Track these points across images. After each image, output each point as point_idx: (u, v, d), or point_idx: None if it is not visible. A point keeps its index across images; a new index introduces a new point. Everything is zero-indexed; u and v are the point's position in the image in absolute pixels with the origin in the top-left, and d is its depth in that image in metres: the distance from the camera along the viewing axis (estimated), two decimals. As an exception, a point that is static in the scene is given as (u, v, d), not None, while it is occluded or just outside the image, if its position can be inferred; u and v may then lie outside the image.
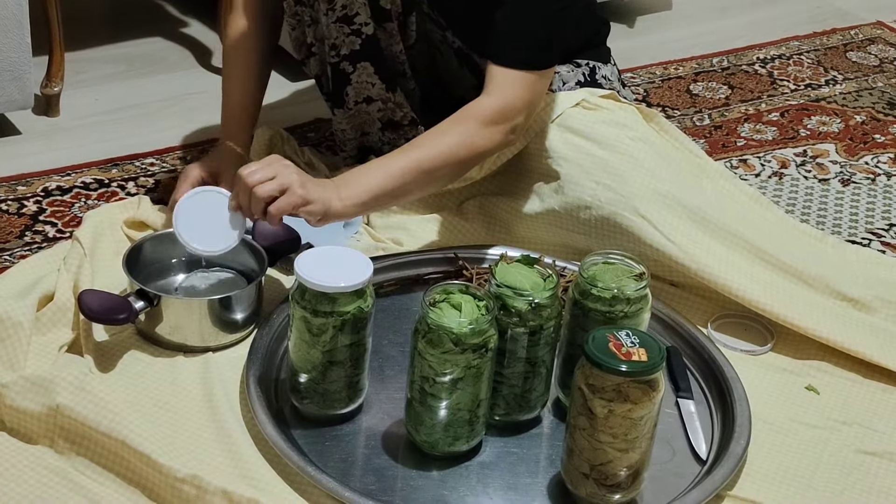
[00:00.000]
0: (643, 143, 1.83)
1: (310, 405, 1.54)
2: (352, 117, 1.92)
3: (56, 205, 2.00)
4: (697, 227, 1.79)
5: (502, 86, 1.72)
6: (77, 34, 2.47)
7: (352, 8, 1.81)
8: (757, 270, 1.78)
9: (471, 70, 1.94)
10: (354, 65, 1.86)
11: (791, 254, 1.81)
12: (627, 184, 1.78)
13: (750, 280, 1.75)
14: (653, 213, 1.77)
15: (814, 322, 1.72)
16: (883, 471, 1.55)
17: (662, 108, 2.44)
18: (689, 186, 1.84)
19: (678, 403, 1.62)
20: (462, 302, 1.43)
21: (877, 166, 2.29)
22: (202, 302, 1.63)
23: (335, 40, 1.84)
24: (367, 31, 1.83)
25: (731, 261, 1.77)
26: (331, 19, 1.82)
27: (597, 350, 1.37)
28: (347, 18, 1.81)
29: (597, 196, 1.78)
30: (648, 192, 1.78)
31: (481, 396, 1.46)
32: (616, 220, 1.77)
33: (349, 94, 1.89)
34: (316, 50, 1.89)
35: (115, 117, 2.31)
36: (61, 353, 1.60)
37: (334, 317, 1.46)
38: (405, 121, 1.92)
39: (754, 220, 1.87)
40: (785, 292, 1.76)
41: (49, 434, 1.49)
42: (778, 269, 1.79)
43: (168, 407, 1.53)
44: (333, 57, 1.86)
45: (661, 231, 1.76)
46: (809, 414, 1.64)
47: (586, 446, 1.40)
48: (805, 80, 2.60)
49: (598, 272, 1.54)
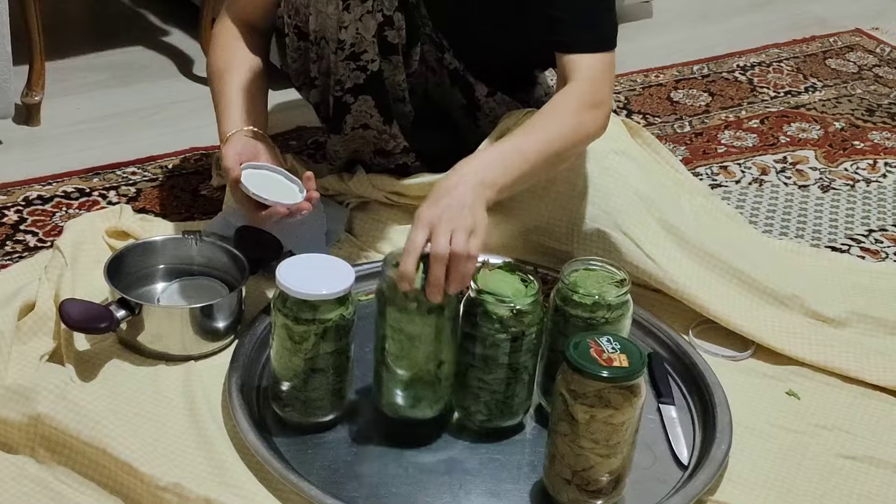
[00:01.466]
0: (627, 157, 1.84)
1: (292, 413, 1.54)
2: (347, 142, 1.92)
3: (37, 214, 2.00)
4: (677, 246, 1.81)
5: (587, 71, 1.71)
6: (58, 43, 2.47)
7: (360, 46, 1.80)
8: (733, 292, 1.80)
9: (461, 89, 1.94)
10: (356, 97, 1.86)
11: (767, 274, 1.82)
12: (611, 200, 1.79)
13: (726, 302, 1.77)
14: (635, 231, 1.78)
15: (789, 343, 1.75)
16: (863, 475, 1.56)
17: (643, 116, 2.45)
18: (670, 204, 1.86)
19: (660, 409, 1.63)
20: (422, 264, 1.45)
21: (856, 172, 2.30)
22: (184, 310, 1.63)
23: (341, 76, 1.84)
24: (373, 67, 1.82)
25: (708, 282, 1.79)
26: (339, 58, 1.81)
27: (578, 356, 1.37)
28: (355, 55, 1.81)
29: (579, 211, 1.79)
30: (631, 208, 1.79)
31: (441, 357, 1.48)
32: (596, 234, 1.77)
33: (347, 122, 1.89)
34: (319, 83, 1.88)
35: (97, 126, 2.30)
36: (42, 362, 1.60)
37: (316, 324, 1.46)
38: (397, 150, 1.93)
39: (731, 239, 1.89)
40: (760, 312, 1.78)
41: (30, 443, 1.49)
42: (754, 290, 1.80)
43: (150, 415, 1.53)
44: (337, 91, 1.86)
45: (642, 249, 1.77)
46: (790, 419, 1.65)
47: (568, 452, 1.40)
48: (785, 87, 2.62)
49: (580, 278, 1.54)
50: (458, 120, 1.99)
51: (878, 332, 1.80)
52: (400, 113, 1.91)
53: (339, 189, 1.96)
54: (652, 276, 1.77)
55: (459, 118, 1.98)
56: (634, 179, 1.82)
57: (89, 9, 2.82)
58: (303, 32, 1.83)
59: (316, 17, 1.79)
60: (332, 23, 1.78)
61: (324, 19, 1.78)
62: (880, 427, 1.65)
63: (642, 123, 2.42)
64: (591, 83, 1.71)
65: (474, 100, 1.94)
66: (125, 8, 2.78)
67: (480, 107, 1.95)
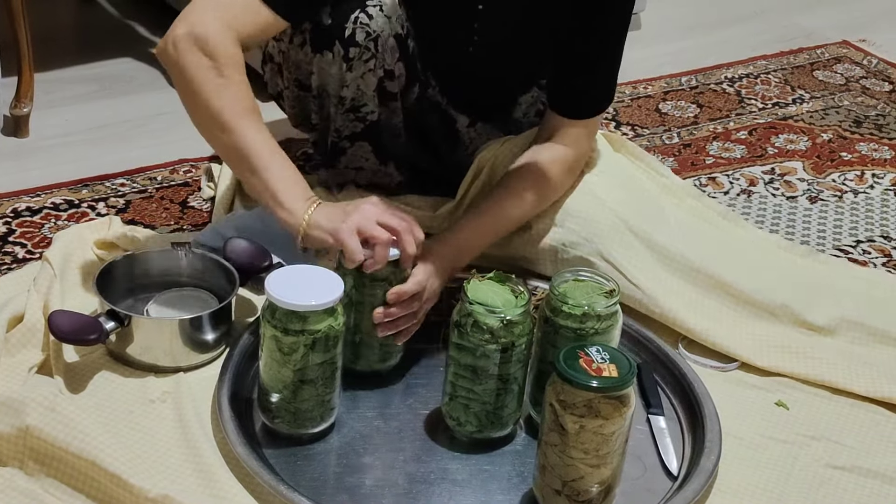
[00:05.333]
0: (606, 176, 1.85)
1: (281, 424, 1.53)
2: (338, 175, 1.93)
3: (26, 225, 1.99)
4: (661, 265, 1.81)
5: (579, 138, 1.79)
6: (47, 55, 2.47)
7: (360, 100, 1.81)
8: (721, 306, 1.80)
9: (443, 121, 1.95)
10: (353, 143, 1.87)
11: (757, 283, 1.82)
12: (591, 225, 1.79)
13: (713, 320, 1.78)
14: (617, 256, 1.79)
15: (776, 360, 1.75)
16: (852, 485, 1.57)
17: (632, 127, 2.46)
18: (654, 219, 1.86)
19: (649, 420, 1.63)
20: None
21: (844, 183, 2.31)
22: (173, 322, 1.63)
23: (339, 126, 1.84)
24: (372, 117, 1.83)
25: (694, 299, 1.79)
26: (339, 111, 1.82)
27: (567, 366, 1.37)
28: (355, 108, 1.82)
29: (561, 240, 1.79)
30: (612, 232, 1.80)
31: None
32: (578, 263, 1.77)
33: (342, 162, 1.89)
34: (319, 127, 1.89)
35: (85, 138, 2.30)
36: (31, 374, 1.59)
37: (305, 335, 1.46)
38: (392, 184, 1.93)
39: (720, 246, 1.89)
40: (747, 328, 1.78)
41: (19, 455, 1.48)
42: (741, 303, 1.81)
43: (139, 427, 1.52)
44: (335, 137, 1.86)
45: (625, 275, 1.77)
46: (779, 429, 1.65)
47: (558, 462, 1.40)
48: (772, 99, 2.63)
49: (569, 289, 1.54)
50: (437, 143, 1.99)
51: (867, 340, 1.81)
52: (395, 150, 1.91)
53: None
54: (637, 302, 1.78)
55: (439, 141, 1.99)
56: (613, 200, 1.83)
57: (77, 21, 2.82)
58: (304, 85, 1.83)
59: (318, 75, 1.80)
60: (335, 81, 1.79)
61: (325, 77, 1.79)
62: (869, 437, 1.65)
63: (631, 135, 2.42)
64: (578, 150, 1.79)
65: (454, 131, 1.95)
66: (113, 20, 2.78)
67: (461, 138, 1.96)
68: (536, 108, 1.95)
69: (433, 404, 1.61)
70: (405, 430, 1.58)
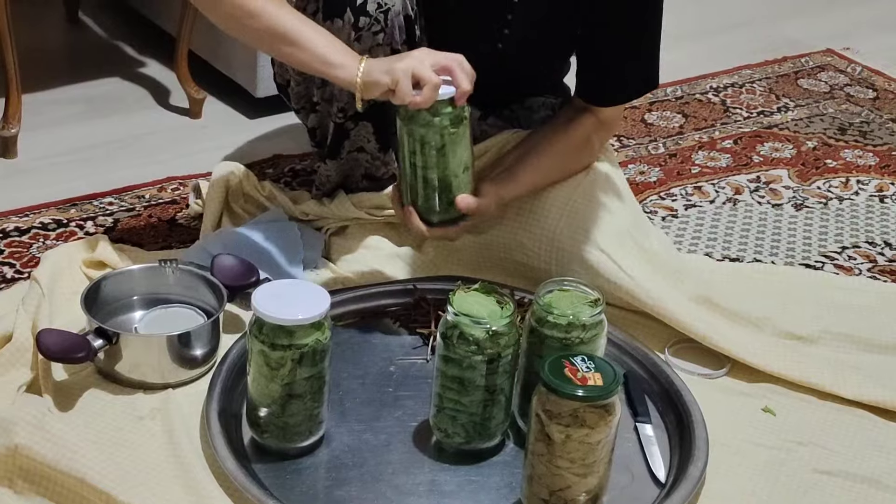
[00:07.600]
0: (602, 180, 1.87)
1: (270, 439, 1.54)
2: (341, 165, 1.93)
3: (14, 246, 2.00)
4: (651, 266, 1.82)
5: (616, 119, 1.94)
6: (34, 75, 2.48)
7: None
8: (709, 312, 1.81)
9: None
10: (357, 123, 1.87)
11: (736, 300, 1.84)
12: (587, 220, 1.81)
13: (702, 320, 1.79)
14: (612, 249, 1.80)
15: (765, 360, 1.76)
16: (839, 490, 1.57)
17: (618, 138, 2.47)
18: (643, 229, 1.88)
19: (636, 428, 1.64)
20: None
21: (829, 190, 2.32)
22: (161, 339, 1.64)
23: (344, 104, 1.85)
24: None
25: (682, 302, 1.80)
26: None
27: (552, 376, 1.38)
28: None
29: (558, 229, 1.80)
30: (608, 228, 1.82)
31: (466, 162, 1.70)
32: (575, 252, 1.79)
33: (345, 146, 1.90)
34: (320, 108, 1.89)
35: (74, 158, 2.31)
36: (20, 393, 1.59)
37: (292, 350, 1.47)
38: (386, 176, 1.94)
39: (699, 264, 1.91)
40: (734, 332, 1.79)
41: (8, 475, 1.49)
42: (727, 313, 1.82)
43: (128, 444, 1.53)
44: (339, 117, 1.87)
45: (620, 266, 1.79)
46: (766, 435, 1.66)
47: (545, 472, 1.41)
48: (757, 108, 2.64)
49: (554, 299, 1.55)
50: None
51: (851, 349, 1.82)
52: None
53: (320, 213, 1.96)
54: (629, 292, 1.79)
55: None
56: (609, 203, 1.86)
57: (65, 41, 2.83)
58: None
59: None
60: None
61: None
62: (856, 442, 1.66)
63: (617, 146, 2.43)
64: (612, 131, 1.95)
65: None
66: (101, 40, 2.79)
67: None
68: (550, 104, 1.97)
69: (421, 416, 1.61)
70: (393, 443, 1.58)
